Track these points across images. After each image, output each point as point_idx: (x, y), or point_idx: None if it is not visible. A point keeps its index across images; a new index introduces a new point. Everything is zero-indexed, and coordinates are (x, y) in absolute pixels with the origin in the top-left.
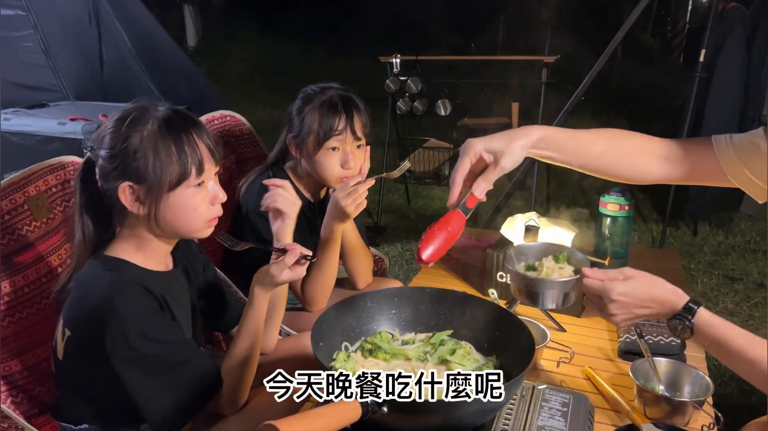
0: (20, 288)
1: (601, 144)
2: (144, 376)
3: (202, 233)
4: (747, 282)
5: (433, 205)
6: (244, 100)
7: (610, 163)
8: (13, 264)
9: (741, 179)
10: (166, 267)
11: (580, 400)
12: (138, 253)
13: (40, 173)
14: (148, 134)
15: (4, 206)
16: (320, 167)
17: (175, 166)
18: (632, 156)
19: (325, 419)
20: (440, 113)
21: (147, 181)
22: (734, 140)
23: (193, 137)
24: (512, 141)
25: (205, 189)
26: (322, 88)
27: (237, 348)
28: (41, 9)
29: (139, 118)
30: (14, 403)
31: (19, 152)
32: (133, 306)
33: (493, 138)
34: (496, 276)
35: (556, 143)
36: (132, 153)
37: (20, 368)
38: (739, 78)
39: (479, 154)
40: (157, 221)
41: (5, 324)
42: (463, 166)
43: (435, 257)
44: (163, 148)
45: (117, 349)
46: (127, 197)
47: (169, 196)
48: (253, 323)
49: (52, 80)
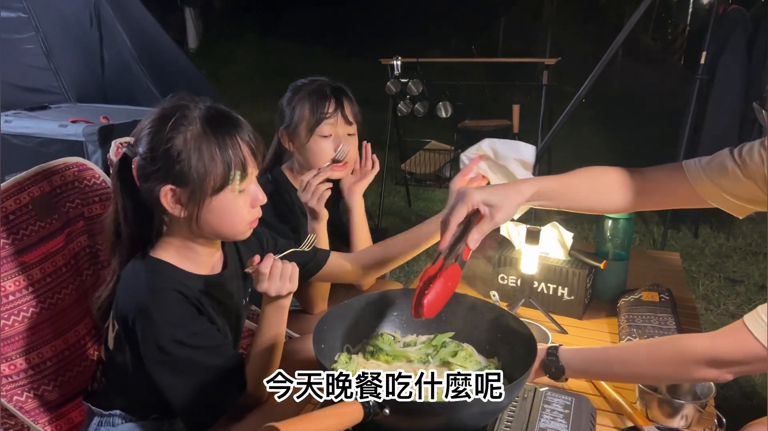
0: (25, 287)
1: (585, 185)
2: (174, 376)
3: (243, 236)
4: (748, 284)
5: (433, 206)
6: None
7: (595, 201)
8: (18, 263)
9: (717, 199)
10: (212, 270)
11: (582, 402)
12: (181, 255)
13: (45, 174)
14: (192, 136)
15: (8, 206)
16: (312, 154)
17: (219, 170)
18: (612, 191)
19: (327, 421)
20: (441, 115)
21: (191, 184)
22: (703, 164)
23: (236, 138)
24: (508, 197)
25: (247, 192)
26: (312, 80)
27: (257, 342)
28: (43, 11)
29: (182, 118)
30: (19, 402)
31: (20, 154)
32: (168, 314)
33: (491, 192)
34: (498, 278)
35: (547, 194)
36: (175, 155)
37: (25, 367)
38: (739, 80)
39: (476, 205)
40: (198, 224)
41: (10, 323)
42: (460, 213)
43: (436, 311)
44: (207, 151)
45: (149, 353)
46: (169, 200)
47: (212, 200)
48: (269, 333)
49: (54, 82)
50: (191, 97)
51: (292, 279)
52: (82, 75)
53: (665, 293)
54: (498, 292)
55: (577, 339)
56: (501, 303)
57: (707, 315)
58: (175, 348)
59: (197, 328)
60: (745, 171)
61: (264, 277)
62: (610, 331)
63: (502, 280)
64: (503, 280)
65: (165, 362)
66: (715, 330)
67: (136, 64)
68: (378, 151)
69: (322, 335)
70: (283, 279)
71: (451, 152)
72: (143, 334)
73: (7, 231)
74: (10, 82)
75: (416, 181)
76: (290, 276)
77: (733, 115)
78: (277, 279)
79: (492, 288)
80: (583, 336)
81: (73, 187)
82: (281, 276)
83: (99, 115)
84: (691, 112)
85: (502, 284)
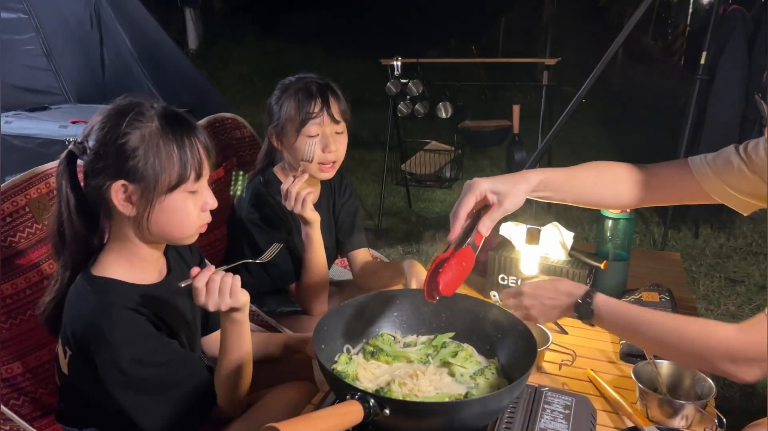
0: (22, 290)
1: (591, 178)
2: (138, 397)
3: (190, 240)
4: (749, 284)
5: (434, 207)
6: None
7: (600, 195)
8: (15, 266)
9: (723, 195)
10: (160, 276)
11: (582, 403)
12: (127, 266)
13: (41, 176)
14: (150, 132)
15: (5, 208)
16: (301, 154)
17: (175, 168)
18: (619, 186)
19: (327, 421)
20: (441, 116)
21: (144, 180)
22: (708, 160)
23: (194, 140)
24: (516, 184)
25: (199, 194)
26: (299, 77)
27: (224, 361)
28: (43, 12)
29: (139, 115)
30: (15, 406)
31: (20, 155)
32: (122, 334)
33: (497, 180)
34: (498, 278)
35: (553, 185)
36: (130, 150)
37: (22, 370)
38: (740, 80)
39: (484, 193)
40: (148, 224)
41: (7, 326)
42: (468, 203)
43: (453, 290)
44: (165, 149)
45: (109, 375)
46: (119, 197)
47: (164, 199)
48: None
49: (54, 83)
50: (145, 96)
51: (233, 294)
52: (83, 76)
53: (665, 293)
54: (498, 293)
55: (578, 339)
56: (501, 303)
57: (707, 315)
58: (136, 369)
59: (156, 344)
60: (750, 166)
61: (200, 291)
62: None
63: (502, 281)
64: (503, 281)
65: (126, 384)
66: None
67: (137, 65)
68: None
69: (322, 335)
70: (222, 294)
71: (452, 152)
72: (100, 358)
73: (5, 233)
74: (11, 82)
75: (416, 181)
76: (231, 290)
77: (734, 115)
78: (215, 293)
79: (492, 289)
80: (584, 336)
81: None
82: (220, 291)
83: None
84: (691, 112)
85: (502, 284)
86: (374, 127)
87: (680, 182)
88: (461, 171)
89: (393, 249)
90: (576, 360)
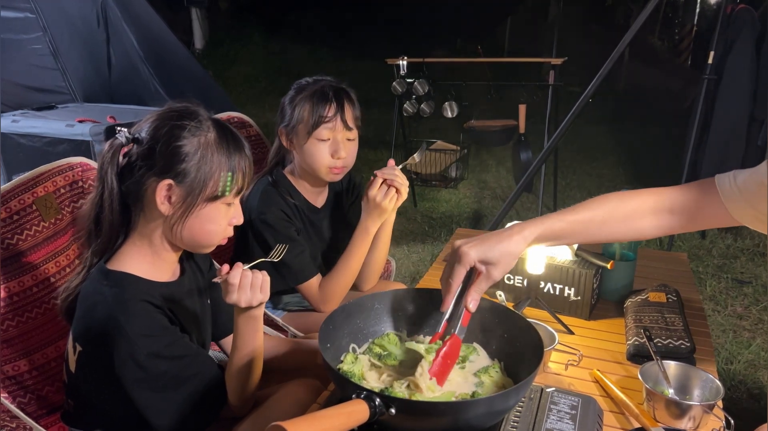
0: (29, 287)
1: (600, 215)
2: (153, 393)
3: (209, 249)
4: (756, 285)
5: (439, 207)
6: (251, 103)
7: (611, 232)
8: (22, 264)
9: (748, 219)
10: (174, 276)
11: (588, 403)
12: (145, 263)
13: (48, 174)
14: (207, 141)
15: (12, 206)
16: (310, 156)
17: (222, 179)
18: (632, 220)
19: (333, 420)
20: (447, 115)
21: (190, 185)
22: (739, 181)
23: (243, 153)
24: (507, 249)
25: (234, 208)
26: (316, 79)
27: (236, 357)
28: (50, 12)
29: (198, 122)
30: (22, 403)
31: (27, 154)
32: (140, 326)
33: (487, 246)
34: (504, 278)
35: (553, 236)
36: (185, 154)
37: (29, 368)
38: (747, 80)
39: (473, 263)
40: (181, 227)
41: (14, 323)
42: (459, 276)
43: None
44: (217, 159)
45: (125, 370)
46: (162, 194)
47: (204, 206)
48: (244, 348)
49: (61, 82)
50: (197, 103)
51: (263, 289)
52: (89, 75)
53: (672, 294)
54: (504, 292)
55: (584, 339)
56: (507, 303)
57: (714, 316)
58: (153, 363)
59: (172, 338)
60: None
61: (233, 288)
62: (617, 332)
63: (509, 280)
64: (509, 280)
65: (143, 379)
66: (723, 332)
67: (143, 64)
68: (384, 150)
69: (328, 335)
70: (254, 290)
71: (457, 152)
72: (117, 351)
73: (12, 231)
74: (18, 82)
75: (422, 181)
76: (261, 285)
77: (741, 115)
78: (248, 289)
79: (498, 289)
80: (590, 336)
81: (77, 187)
82: (251, 287)
83: (106, 115)
84: (699, 112)
85: (508, 284)
86: (380, 127)
87: (703, 205)
88: (467, 170)
89: (398, 248)
90: (582, 360)
